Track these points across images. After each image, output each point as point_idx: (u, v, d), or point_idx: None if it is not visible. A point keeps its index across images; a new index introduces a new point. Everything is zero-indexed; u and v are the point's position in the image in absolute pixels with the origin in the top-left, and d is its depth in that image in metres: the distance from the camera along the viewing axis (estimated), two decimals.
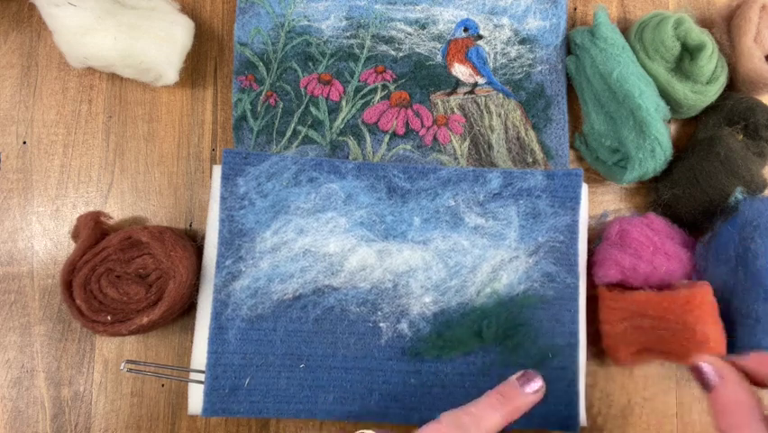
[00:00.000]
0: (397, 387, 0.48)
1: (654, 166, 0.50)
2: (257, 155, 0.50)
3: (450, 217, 0.50)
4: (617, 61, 0.50)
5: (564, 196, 0.51)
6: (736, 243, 0.48)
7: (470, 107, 0.55)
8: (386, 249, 0.49)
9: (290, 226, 0.49)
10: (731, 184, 0.50)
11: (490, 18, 0.56)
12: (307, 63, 0.55)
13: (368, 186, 0.50)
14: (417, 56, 0.55)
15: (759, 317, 0.46)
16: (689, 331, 0.46)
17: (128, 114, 0.54)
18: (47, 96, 0.54)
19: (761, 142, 0.53)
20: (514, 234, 0.50)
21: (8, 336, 0.51)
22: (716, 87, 0.52)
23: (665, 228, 0.51)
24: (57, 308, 0.52)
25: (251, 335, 0.48)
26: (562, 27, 0.57)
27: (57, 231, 0.53)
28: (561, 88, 0.56)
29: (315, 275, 0.48)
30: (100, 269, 0.48)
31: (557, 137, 0.55)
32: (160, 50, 0.50)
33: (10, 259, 0.52)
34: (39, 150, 0.53)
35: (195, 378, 0.49)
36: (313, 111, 0.54)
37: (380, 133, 0.54)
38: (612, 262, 0.49)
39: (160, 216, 0.53)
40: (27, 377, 0.51)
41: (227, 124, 0.54)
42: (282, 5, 0.56)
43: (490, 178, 0.50)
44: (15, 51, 0.54)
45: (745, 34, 0.52)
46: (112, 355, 0.51)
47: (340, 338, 0.48)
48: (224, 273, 0.49)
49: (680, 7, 0.59)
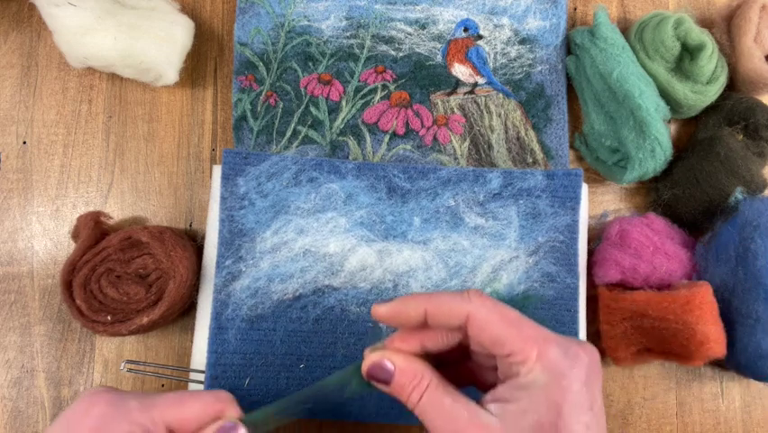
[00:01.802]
0: None
1: (654, 166, 0.50)
2: (257, 155, 0.50)
3: (450, 217, 0.50)
4: (617, 61, 0.50)
5: (564, 196, 0.51)
6: (736, 243, 0.48)
7: (470, 107, 0.55)
8: (386, 249, 0.49)
9: (290, 226, 0.49)
10: (731, 184, 0.50)
11: (490, 18, 0.56)
12: (307, 63, 0.55)
13: (368, 186, 0.50)
14: (417, 56, 0.55)
15: (759, 317, 0.46)
16: (689, 331, 0.46)
17: (128, 114, 0.54)
18: (47, 96, 0.54)
19: (761, 142, 0.53)
20: (514, 234, 0.50)
21: (8, 336, 0.51)
22: (716, 87, 0.52)
23: (665, 228, 0.51)
24: (57, 308, 0.52)
25: (251, 335, 0.48)
26: (562, 27, 0.57)
27: (57, 231, 0.53)
28: (561, 88, 0.56)
29: (315, 275, 0.48)
30: (100, 269, 0.48)
31: (557, 137, 0.55)
32: (160, 50, 0.50)
33: (10, 259, 0.52)
34: (39, 150, 0.53)
35: (195, 378, 0.49)
36: (313, 111, 0.54)
37: (380, 133, 0.54)
38: (612, 262, 0.49)
39: (160, 216, 0.53)
40: (27, 377, 0.51)
41: (227, 124, 0.54)
42: (282, 5, 0.56)
43: (490, 178, 0.51)
44: (15, 51, 0.54)
45: (745, 34, 0.52)
46: (112, 355, 0.51)
47: (340, 338, 0.48)
48: (224, 273, 0.49)
49: (680, 7, 0.59)
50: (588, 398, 0.33)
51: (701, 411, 0.53)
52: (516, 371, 0.34)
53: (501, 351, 0.34)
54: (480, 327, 0.34)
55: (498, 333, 0.34)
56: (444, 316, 0.35)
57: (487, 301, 0.35)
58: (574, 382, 0.33)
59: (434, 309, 0.35)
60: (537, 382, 0.33)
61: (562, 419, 0.32)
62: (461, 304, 0.35)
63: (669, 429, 0.53)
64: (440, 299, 0.36)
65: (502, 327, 0.34)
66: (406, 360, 0.36)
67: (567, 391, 0.33)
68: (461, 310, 0.35)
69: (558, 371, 0.33)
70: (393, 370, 0.36)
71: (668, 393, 0.53)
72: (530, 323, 0.35)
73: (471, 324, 0.34)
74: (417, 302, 0.36)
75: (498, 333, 0.34)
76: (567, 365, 0.33)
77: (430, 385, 0.35)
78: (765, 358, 0.46)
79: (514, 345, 0.34)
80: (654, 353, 0.49)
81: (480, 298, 0.35)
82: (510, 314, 0.35)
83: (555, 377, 0.33)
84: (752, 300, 0.47)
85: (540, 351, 0.33)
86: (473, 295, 0.35)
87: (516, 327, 0.34)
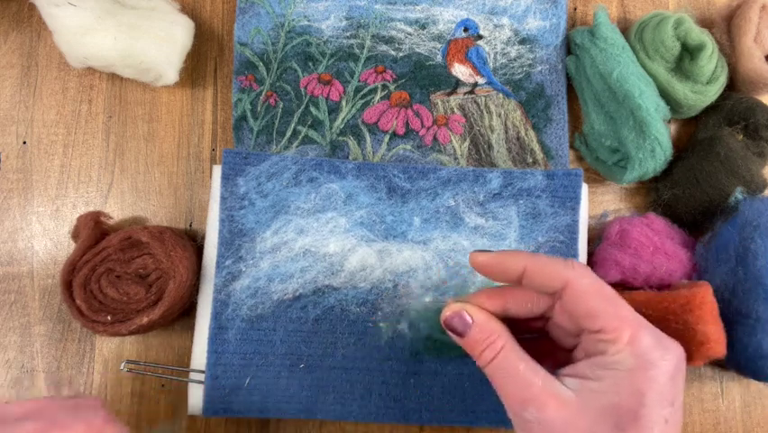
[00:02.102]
0: (396, 387, 0.48)
1: (654, 166, 0.50)
2: (257, 155, 0.50)
3: (450, 217, 0.50)
4: (617, 61, 0.50)
5: (564, 196, 0.51)
6: (736, 243, 0.48)
7: (470, 107, 0.55)
8: (386, 249, 0.49)
9: (290, 226, 0.49)
10: (731, 184, 0.50)
11: (490, 18, 0.56)
12: (307, 63, 0.55)
13: (368, 186, 0.50)
14: (417, 56, 0.55)
15: (759, 317, 0.46)
16: (689, 331, 0.46)
17: (128, 114, 0.54)
18: (47, 96, 0.54)
19: (761, 142, 0.53)
20: (514, 235, 0.50)
21: (8, 336, 0.51)
22: (716, 87, 0.52)
23: (665, 228, 0.51)
24: (57, 308, 0.52)
25: (251, 335, 0.48)
26: (562, 27, 0.57)
27: (57, 231, 0.53)
28: (561, 88, 0.56)
29: (315, 275, 0.48)
30: (100, 269, 0.48)
31: (557, 137, 0.55)
32: (159, 50, 0.50)
33: (10, 259, 0.52)
34: (39, 150, 0.53)
35: (195, 378, 0.49)
36: (313, 111, 0.54)
37: (380, 133, 0.54)
38: (612, 262, 0.49)
39: (160, 216, 0.53)
40: (27, 377, 0.51)
41: (227, 124, 0.54)
42: (282, 5, 0.56)
43: (490, 178, 0.50)
44: (15, 51, 0.54)
45: (745, 34, 0.52)
46: (112, 355, 0.51)
47: (340, 338, 0.48)
48: (224, 273, 0.49)
49: (680, 7, 0.59)
50: (672, 392, 0.32)
51: (701, 411, 0.53)
52: (603, 349, 0.33)
53: (593, 325, 0.33)
54: (578, 295, 0.33)
55: (595, 306, 0.33)
56: (544, 277, 0.35)
57: (589, 272, 0.34)
58: (662, 374, 0.32)
59: (534, 268, 0.35)
60: (624, 365, 0.32)
61: (644, 408, 0.31)
62: (564, 269, 0.34)
63: None
64: (542, 259, 0.35)
65: (600, 301, 0.33)
66: (485, 316, 0.36)
67: (654, 381, 0.32)
68: (562, 275, 0.34)
69: (648, 358, 0.32)
70: (471, 323, 0.36)
71: None
72: (627, 305, 0.34)
73: (569, 291, 0.34)
74: (519, 258, 0.35)
75: (595, 306, 0.33)
76: (658, 355, 0.32)
77: (505, 346, 0.35)
78: (765, 358, 0.46)
79: (607, 322, 0.33)
80: None
81: (583, 268, 0.34)
82: (609, 291, 0.34)
83: (644, 364, 0.32)
84: (752, 300, 0.47)
85: (633, 334, 0.32)
86: (576, 264, 0.35)
87: (614, 304, 0.33)
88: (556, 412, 0.32)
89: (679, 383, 0.33)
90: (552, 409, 0.32)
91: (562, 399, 0.32)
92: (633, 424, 0.31)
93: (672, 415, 0.32)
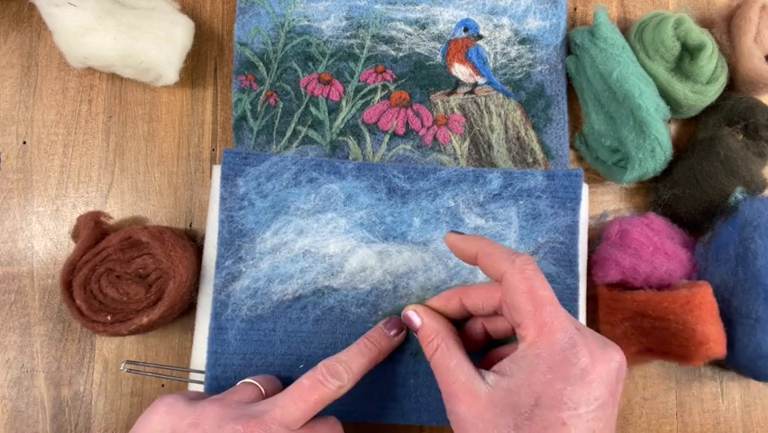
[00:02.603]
0: (396, 387, 0.48)
1: (654, 166, 0.50)
2: (257, 155, 0.50)
3: (450, 218, 0.50)
4: (617, 61, 0.50)
5: (564, 196, 0.51)
6: (736, 243, 0.48)
7: (470, 107, 0.55)
8: (386, 250, 0.49)
9: (290, 227, 0.49)
10: (731, 184, 0.50)
11: (490, 18, 0.56)
12: (307, 63, 0.55)
13: (368, 186, 0.50)
14: (417, 56, 0.55)
15: (759, 317, 0.46)
16: (689, 331, 0.46)
17: (128, 114, 0.54)
18: (47, 96, 0.54)
19: (761, 142, 0.53)
20: (514, 235, 0.50)
21: (8, 336, 0.51)
22: (716, 87, 0.52)
23: (665, 228, 0.51)
24: (57, 308, 0.52)
25: (250, 335, 0.48)
26: (562, 27, 0.57)
27: (57, 231, 0.53)
28: (561, 88, 0.56)
29: (314, 276, 0.48)
30: (100, 269, 0.48)
31: (557, 137, 0.55)
32: (160, 50, 0.50)
33: (10, 259, 0.52)
34: (39, 150, 0.54)
35: (195, 378, 0.49)
36: (313, 111, 0.54)
37: (380, 133, 0.54)
38: (612, 263, 0.49)
39: (160, 216, 0.53)
40: (27, 377, 0.51)
41: (227, 124, 0.54)
42: (282, 5, 0.56)
43: (490, 178, 0.50)
44: (15, 51, 0.54)
45: (745, 34, 0.52)
46: (112, 355, 0.51)
47: (339, 339, 0.48)
48: (223, 274, 0.49)
49: (680, 7, 0.59)
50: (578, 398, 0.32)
51: (701, 411, 0.53)
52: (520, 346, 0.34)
53: (514, 320, 0.35)
54: (507, 289, 0.35)
55: (517, 302, 0.35)
56: (488, 265, 0.37)
57: (528, 271, 0.35)
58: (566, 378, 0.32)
59: (483, 255, 0.37)
60: (527, 363, 0.33)
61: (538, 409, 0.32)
62: (503, 262, 0.36)
63: (669, 429, 0.53)
64: (491, 248, 0.37)
65: (523, 298, 0.34)
66: (429, 317, 0.40)
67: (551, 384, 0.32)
68: (500, 267, 0.36)
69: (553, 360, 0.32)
70: (418, 323, 0.41)
71: (668, 393, 0.53)
72: (558, 309, 0.35)
73: (504, 284, 0.36)
74: (475, 243, 0.38)
75: (517, 302, 0.35)
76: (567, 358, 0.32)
77: (441, 345, 0.38)
78: (765, 358, 0.46)
79: (522, 319, 0.34)
80: (654, 353, 0.49)
81: (524, 264, 0.35)
82: (542, 294, 0.35)
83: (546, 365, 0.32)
84: (752, 300, 0.47)
85: (541, 334, 0.33)
86: (520, 260, 0.35)
87: (537, 304, 0.34)
88: (468, 407, 0.34)
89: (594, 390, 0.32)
90: (464, 403, 0.34)
91: (475, 394, 0.34)
92: (527, 423, 0.32)
93: (573, 420, 0.31)
